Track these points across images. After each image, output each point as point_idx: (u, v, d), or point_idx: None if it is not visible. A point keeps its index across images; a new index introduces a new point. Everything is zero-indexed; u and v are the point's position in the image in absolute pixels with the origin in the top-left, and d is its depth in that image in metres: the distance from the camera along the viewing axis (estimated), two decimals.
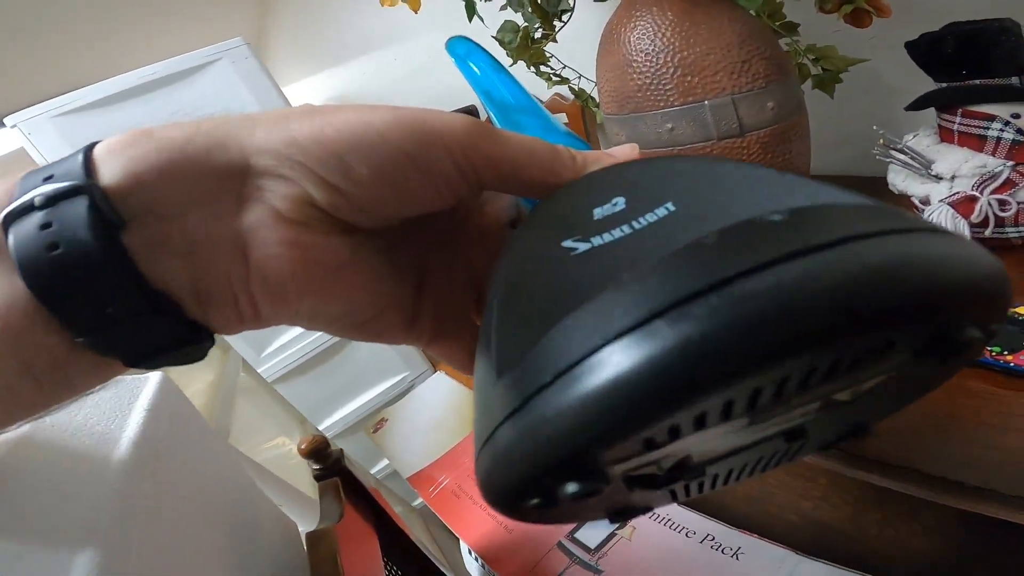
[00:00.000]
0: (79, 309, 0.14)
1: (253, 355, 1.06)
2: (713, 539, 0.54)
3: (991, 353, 0.34)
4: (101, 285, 0.14)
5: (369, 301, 0.18)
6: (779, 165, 0.46)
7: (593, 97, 0.68)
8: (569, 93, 0.70)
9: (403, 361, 1.28)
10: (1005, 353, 0.33)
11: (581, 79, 0.67)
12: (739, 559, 0.52)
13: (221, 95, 1.03)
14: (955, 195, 0.41)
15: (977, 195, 0.40)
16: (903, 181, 0.46)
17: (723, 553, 0.54)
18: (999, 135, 0.42)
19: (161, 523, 0.22)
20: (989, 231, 0.42)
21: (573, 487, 0.12)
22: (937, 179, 0.43)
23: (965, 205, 0.41)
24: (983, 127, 0.43)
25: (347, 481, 0.42)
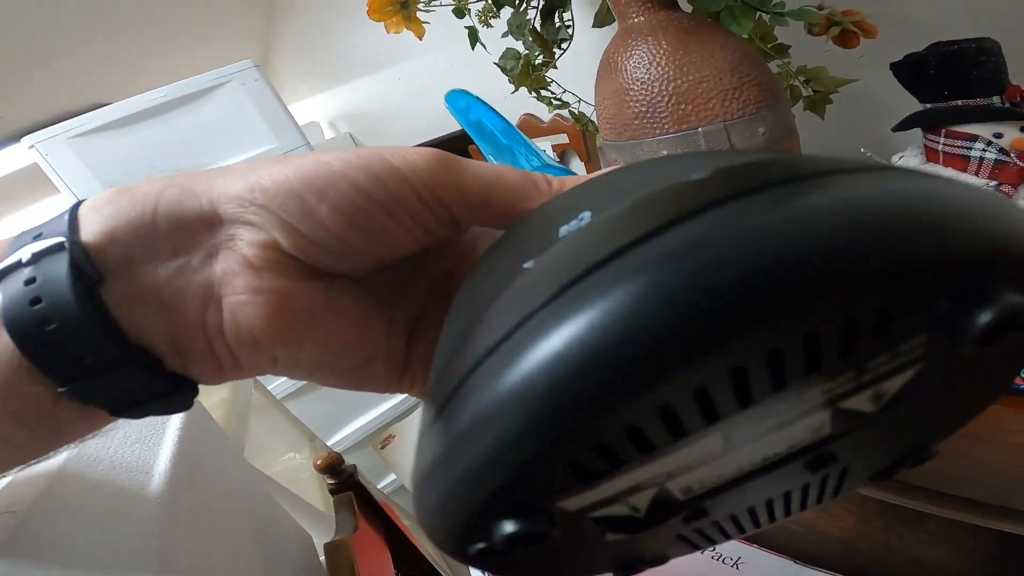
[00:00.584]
0: (60, 361, 0.14)
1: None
2: (714, 550, 0.56)
3: None
4: (80, 338, 0.14)
5: (352, 349, 0.18)
6: None
7: (593, 121, 0.70)
8: (570, 116, 0.72)
9: None
10: None
11: (581, 103, 0.69)
12: (739, 568, 0.53)
13: (231, 116, 1.05)
14: None
15: None
16: None
17: (724, 563, 0.56)
18: (982, 155, 0.43)
19: (200, 535, 0.24)
20: None
21: (509, 527, 0.10)
22: None
23: None
24: (967, 147, 0.44)
25: (360, 495, 0.44)
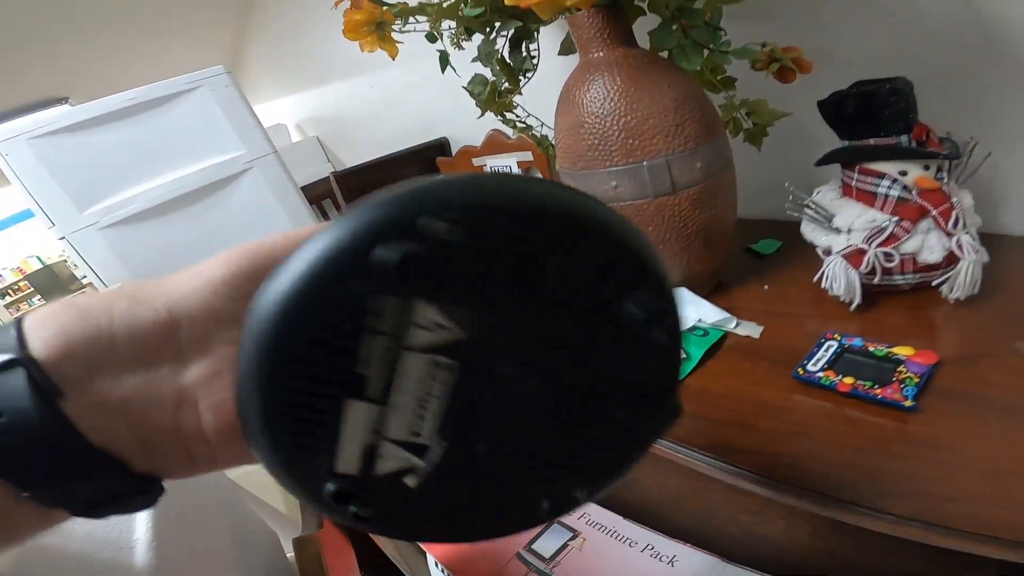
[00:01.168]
0: (23, 469, 0.14)
1: None
2: (652, 548, 0.60)
3: (863, 387, 0.41)
4: (43, 448, 0.14)
5: None
6: (707, 218, 0.52)
7: (553, 144, 0.75)
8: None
9: None
10: (875, 387, 0.40)
11: (543, 127, 0.74)
12: (674, 566, 0.57)
13: (199, 122, 1.05)
14: (848, 248, 0.48)
15: (866, 248, 0.47)
16: (811, 232, 0.53)
17: (660, 560, 0.60)
18: (887, 192, 0.48)
19: (186, 529, 0.26)
20: (878, 279, 0.49)
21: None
22: (837, 231, 0.50)
23: (856, 257, 0.48)
24: (875, 184, 0.48)
25: None
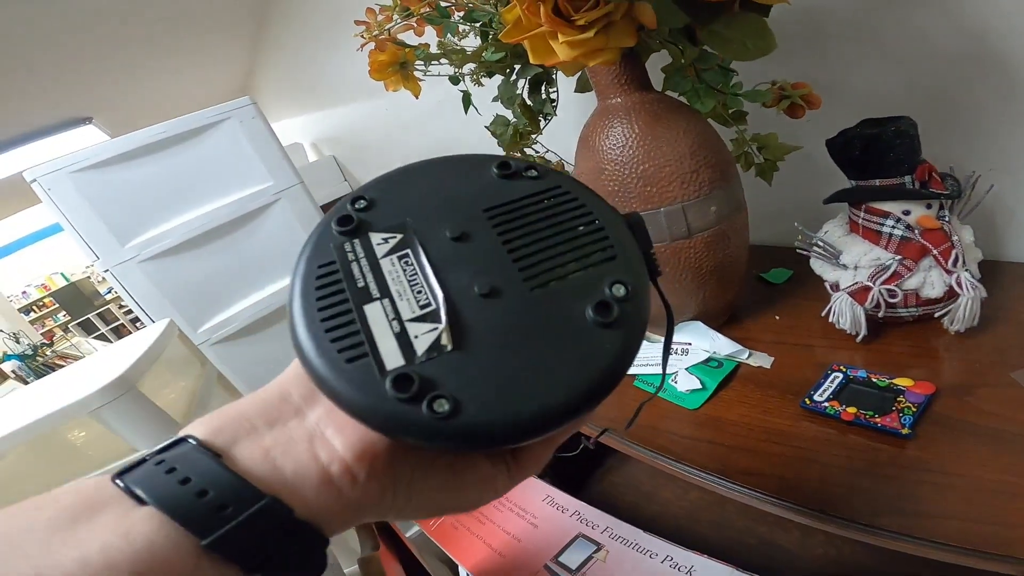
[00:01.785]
0: (198, 508, 0.17)
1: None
2: (672, 559, 0.63)
3: (865, 416, 0.44)
4: (220, 489, 0.17)
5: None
6: (720, 258, 0.55)
7: None
8: None
9: None
10: (876, 416, 0.43)
11: (562, 161, 0.77)
12: (692, 575, 0.60)
13: (228, 154, 1.10)
14: (854, 285, 0.51)
15: (871, 285, 0.50)
16: (820, 267, 0.56)
17: (679, 571, 0.63)
18: (891, 231, 0.51)
19: None
20: (883, 313, 0.52)
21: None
22: (844, 268, 0.53)
23: (861, 294, 0.51)
24: (880, 223, 0.51)
25: None
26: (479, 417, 0.17)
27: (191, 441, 0.19)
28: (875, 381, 0.47)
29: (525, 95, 0.71)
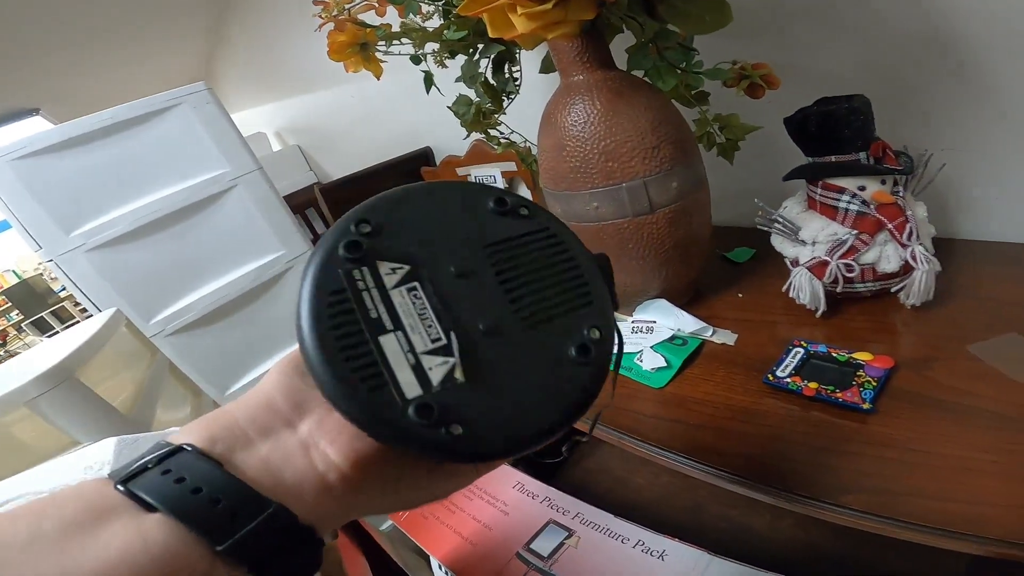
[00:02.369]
0: (215, 518, 0.18)
1: (217, 392, 1.08)
2: (643, 544, 0.63)
3: (826, 391, 0.44)
4: (229, 495, 0.19)
5: None
6: (683, 235, 0.55)
7: (537, 160, 0.77)
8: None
9: None
10: (837, 391, 0.44)
11: (527, 142, 0.76)
12: (664, 560, 0.60)
13: (181, 139, 1.05)
14: (812, 260, 0.52)
15: (828, 260, 0.51)
16: (780, 243, 0.57)
17: (651, 555, 0.64)
18: (847, 206, 0.51)
19: None
20: (841, 288, 0.52)
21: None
22: (803, 244, 0.54)
23: (819, 269, 0.51)
24: (836, 199, 0.52)
25: None
26: (487, 438, 0.21)
27: (189, 449, 0.20)
28: (835, 356, 0.48)
29: (489, 75, 0.69)
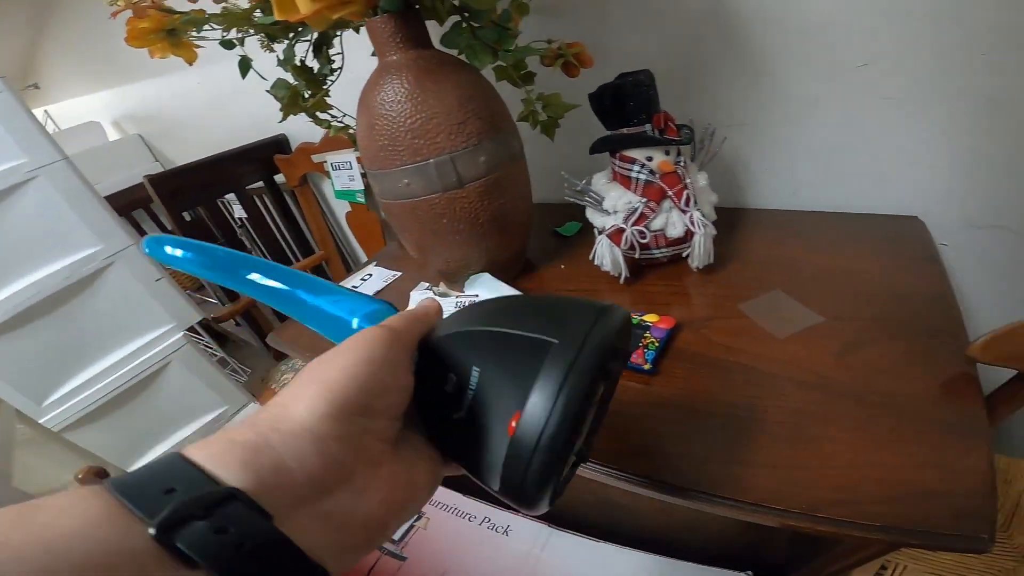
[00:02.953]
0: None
1: (33, 406, 0.96)
2: (489, 520, 0.66)
3: None
4: (274, 561, 0.17)
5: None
6: (497, 208, 0.56)
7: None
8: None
9: (220, 396, 1.25)
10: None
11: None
12: (508, 535, 0.62)
13: None
14: (611, 228, 0.56)
15: (624, 227, 0.55)
16: (591, 214, 0.60)
17: (496, 531, 0.66)
18: (638, 176, 0.55)
19: None
20: (639, 254, 0.57)
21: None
22: (607, 213, 0.58)
23: (616, 236, 0.55)
24: (629, 169, 0.56)
25: None
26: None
27: (240, 499, 0.17)
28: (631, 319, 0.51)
29: (309, 59, 0.67)
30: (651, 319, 0.50)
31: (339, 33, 0.66)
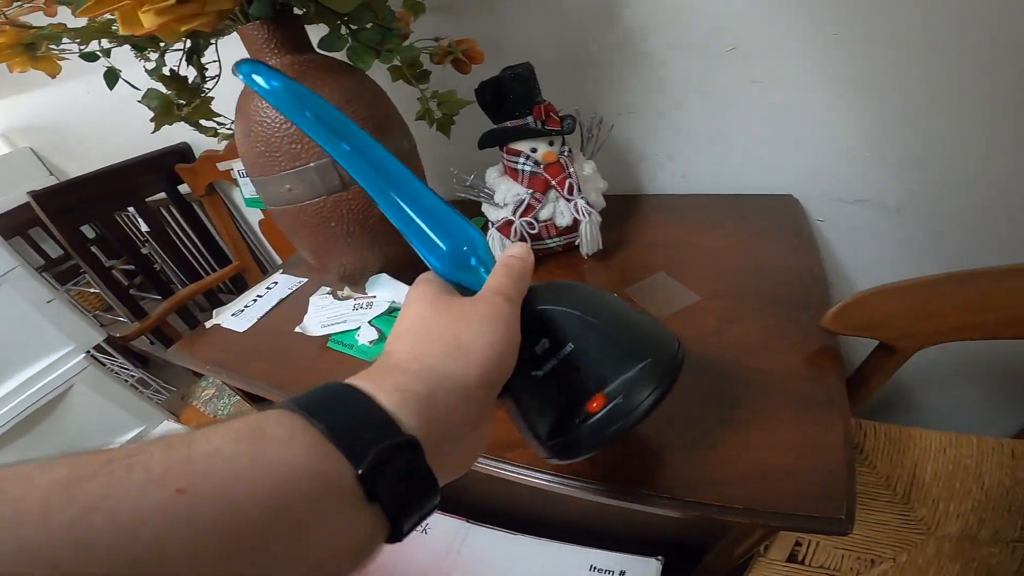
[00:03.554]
0: (398, 500, 0.20)
1: None
2: None
3: None
4: (415, 488, 0.21)
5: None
6: None
7: None
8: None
9: (136, 417, 1.19)
10: None
11: None
12: (428, 533, 0.62)
13: None
14: (501, 220, 0.57)
15: (512, 219, 0.56)
16: (486, 209, 0.61)
17: (416, 530, 0.65)
18: (523, 168, 0.56)
19: None
20: (531, 245, 0.58)
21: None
22: (498, 206, 0.58)
23: (506, 228, 0.56)
24: (515, 161, 0.56)
25: None
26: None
27: (417, 450, 0.21)
28: None
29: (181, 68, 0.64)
30: None
31: (213, 41, 0.63)
